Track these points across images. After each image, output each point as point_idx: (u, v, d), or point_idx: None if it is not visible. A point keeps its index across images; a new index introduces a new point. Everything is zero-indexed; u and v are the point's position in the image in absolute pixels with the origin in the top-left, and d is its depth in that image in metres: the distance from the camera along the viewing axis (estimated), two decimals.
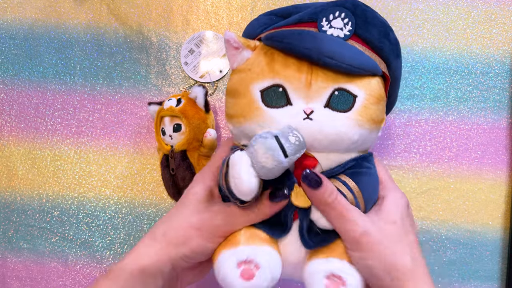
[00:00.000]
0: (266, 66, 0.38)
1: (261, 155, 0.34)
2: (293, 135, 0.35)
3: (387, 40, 0.40)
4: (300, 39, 0.37)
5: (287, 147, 0.34)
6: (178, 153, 0.52)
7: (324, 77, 0.37)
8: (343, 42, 0.38)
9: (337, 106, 0.37)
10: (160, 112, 0.53)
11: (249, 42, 0.40)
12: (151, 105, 0.55)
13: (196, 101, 0.53)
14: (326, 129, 0.37)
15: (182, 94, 0.54)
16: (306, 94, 0.37)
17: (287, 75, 0.37)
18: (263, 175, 0.35)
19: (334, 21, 0.39)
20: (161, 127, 0.53)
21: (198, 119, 0.52)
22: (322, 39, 0.37)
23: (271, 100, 0.37)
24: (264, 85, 0.37)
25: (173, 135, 0.52)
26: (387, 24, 0.41)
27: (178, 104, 0.52)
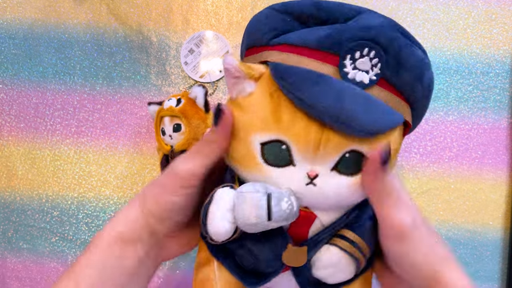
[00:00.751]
0: (270, 115, 0.32)
1: (245, 208, 0.31)
2: (288, 201, 0.31)
3: (420, 83, 0.33)
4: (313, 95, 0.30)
5: (275, 212, 0.31)
6: (178, 153, 0.52)
7: (337, 141, 0.31)
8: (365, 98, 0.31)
9: (344, 170, 0.32)
10: (160, 112, 0.53)
11: (253, 71, 0.33)
12: (151, 105, 0.55)
13: (196, 101, 0.53)
14: (329, 194, 0.32)
15: (182, 94, 0.54)
16: (313, 157, 0.31)
17: (293, 133, 0.31)
18: (242, 226, 0.32)
19: (360, 61, 0.31)
20: (161, 127, 0.53)
21: (198, 119, 0.52)
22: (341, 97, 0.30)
23: (272, 158, 0.32)
24: (265, 139, 0.32)
25: (173, 135, 0.52)
26: (425, 60, 0.34)
27: (178, 104, 0.52)
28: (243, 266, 0.36)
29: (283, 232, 0.34)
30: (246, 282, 0.36)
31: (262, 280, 0.36)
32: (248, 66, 0.33)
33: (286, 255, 0.34)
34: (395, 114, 0.32)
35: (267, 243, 0.34)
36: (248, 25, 0.37)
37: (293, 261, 0.35)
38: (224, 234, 0.33)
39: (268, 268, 0.36)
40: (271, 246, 0.35)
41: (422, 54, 0.34)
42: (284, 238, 0.34)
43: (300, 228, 0.35)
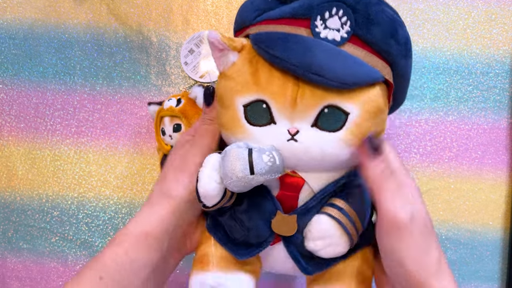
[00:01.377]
0: (250, 77, 0.34)
1: (229, 164, 0.32)
2: (269, 154, 0.32)
3: (394, 40, 0.34)
4: (286, 51, 0.32)
5: (256, 164, 0.32)
6: None
7: (311, 95, 0.32)
8: (337, 50, 0.33)
9: (325, 126, 0.33)
10: (160, 112, 0.53)
11: (235, 42, 0.35)
12: (151, 105, 0.55)
13: (196, 101, 0.53)
14: (312, 151, 0.33)
15: (182, 94, 0.54)
16: (291, 112, 0.33)
17: (271, 91, 0.33)
18: (228, 185, 0.33)
19: (330, 20, 0.33)
20: (161, 127, 0.53)
21: (198, 119, 0.52)
22: (311, 50, 0.32)
23: (254, 117, 0.34)
24: (247, 100, 0.34)
25: (173, 135, 0.52)
26: (396, 18, 0.35)
27: (178, 104, 0.52)
28: (235, 238, 0.37)
29: (272, 198, 0.35)
30: (237, 253, 0.37)
31: (253, 250, 0.37)
32: (230, 38, 0.35)
33: (276, 223, 0.35)
34: (370, 68, 0.34)
35: (256, 210, 0.35)
36: (238, 11, 0.39)
37: (282, 230, 0.35)
38: (211, 195, 0.34)
39: (258, 237, 0.36)
40: (260, 213, 0.35)
41: (392, 12, 0.35)
42: (273, 204, 0.35)
43: (289, 193, 0.35)
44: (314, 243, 0.35)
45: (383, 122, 0.36)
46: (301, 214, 0.35)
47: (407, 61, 0.37)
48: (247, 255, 0.37)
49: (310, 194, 0.36)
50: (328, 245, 0.35)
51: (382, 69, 0.35)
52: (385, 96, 0.36)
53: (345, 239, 0.35)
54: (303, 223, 0.35)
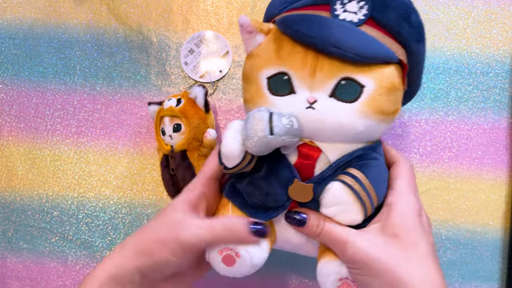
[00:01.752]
0: (273, 53, 0.37)
1: (251, 125, 0.35)
2: (288, 118, 0.35)
3: (407, 23, 0.37)
4: (308, 26, 0.36)
5: (275, 125, 0.34)
6: (178, 153, 0.52)
7: (330, 67, 0.36)
8: (354, 28, 0.36)
9: (342, 96, 0.36)
10: (160, 112, 0.53)
11: (263, 25, 0.39)
12: (151, 105, 0.55)
13: (196, 101, 0.53)
14: (329, 119, 0.36)
15: (182, 94, 0.54)
16: (310, 83, 0.36)
17: (292, 63, 0.36)
18: (248, 145, 0.35)
19: (348, 4, 0.37)
20: (161, 127, 0.53)
21: (198, 119, 0.52)
22: (330, 26, 0.36)
23: (276, 88, 0.37)
24: (270, 72, 0.37)
25: (173, 135, 0.52)
26: (410, 5, 0.38)
27: (178, 104, 0.52)
28: (253, 203, 0.39)
29: (290, 166, 0.37)
30: (255, 216, 0.39)
31: (270, 214, 0.39)
32: (258, 22, 0.39)
33: (292, 190, 0.37)
34: (384, 47, 0.37)
35: (274, 177, 0.37)
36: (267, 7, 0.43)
37: (299, 196, 0.37)
38: (234, 155, 0.36)
39: (276, 202, 0.38)
40: (278, 180, 0.37)
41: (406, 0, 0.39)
42: (291, 172, 0.37)
43: (306, 161, 0.37)
44: (328, 209, 0.36)
45: (397, 101, 0.39)
46: (317, 182, 0.37)
47: (420, 45, 0.40)
48: (265, 218, 0.39)
49: (326, 164, 0.37)
50: (342, 211, 0.36)
51: (397, 50, 0.38)
52: (400, 77, 0.38)
53: (358, 206, 0.36)
54: (319, 190, 0.37)
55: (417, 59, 0.40)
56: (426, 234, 0.37)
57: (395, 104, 0.38)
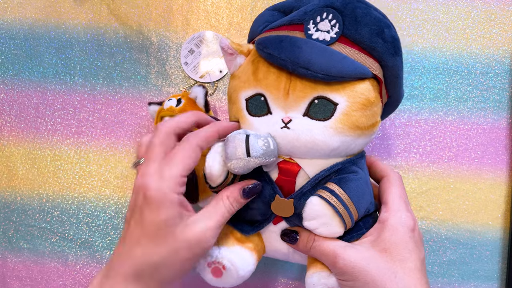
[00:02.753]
0: (251, 74, 0.39)
1: (230, 147, 0.36)
2: (264, 140, 0.37)
3: (381, 38, 0.38)
4: (278, 48, 0.37)
5: (252, 147, 0.36)
6: None
7: (302, 87, 0.37)
8: (324, 48, 0.37)
9: (316, 115, 0.37)
10: (160, 112, 0.53)
11: (242, 47, 0.41)
12: (151, 105, 0.55)
13: (196, 101, 0.53)
14: (303, 137, 0.37)
15: (182, 94, 0.54)
16: (284, 103, 0.38)
17: (267, 85, 0.38)
18: (229, 166, 0.37)
19: (320, 24, 0.38)
20: None
21: None
22: (300, 47, 0.37)
23: (253, 109, 0.39)
24: (248, 94, 0.39)
25: None
26: (383, 21, 0.39)
27: (178, 104, 0.52)
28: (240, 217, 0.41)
29: (272, 183, 0.39)
30: (242, 230, 0.41)
31: (256, 227, 0.41)
32: (238, 44, 0.41)
33: (275, 205, 0.39)
34: (356, 64, 0.37)
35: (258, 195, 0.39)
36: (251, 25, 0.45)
37: (281, 211, 0.39)
38: (216, 175, 0.38)
39: (261, 216, 0.40)
40: (261, 196, 0.39)
41: (380, 15, 0.39)
42: (272, 189, 0.39)
43: (286, 178, 0.39)
44: (309, 223, 0.38)
45: (375, 115, 0.39)
46: (297, 197, 0.38)
47: (396, 58, 0.40)
48: (252, 231, 0.41)
49: (306, 179, 0.39)
50: (322, 225, 0.37)
51: (371, 65, 0.39)
52: (376, 91, 0.39)
53: (337, 219, 0.37)
54: (300, 205, 0.38)
55: (394, 72, 0.40)
56: (417, 249, 0.38)
57: (371, 118, 0.39)
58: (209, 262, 0.39)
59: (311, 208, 0.37)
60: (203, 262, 0.39)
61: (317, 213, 0.37)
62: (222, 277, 0.39)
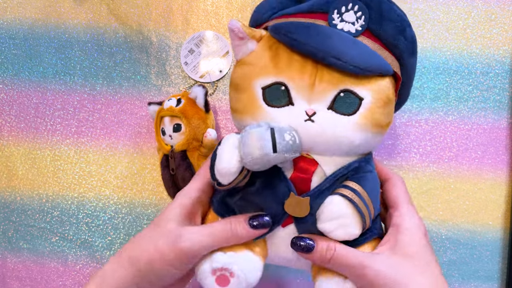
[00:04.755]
0: (269, 61, 0.36)
1: (251, 142, 0.33)
2: (290, 133, 0.33)
3: (403, 37, 0.37)
4: (306, 35, 0.34)
5: (279, 143, 0.33)
6: (178, 153, 0.52)
7: (329, 78, 0.35)
8: (353, 39, 0.36)
9: (341, 109, 0.35)
10: (160, 112, 0.53)
11: (255, 32, 0.37)
12: (151, 105, 0.55)
13: (196, 101, 0.53)
14: (328, 132, 0.35)
15: (182, 94, 0.54)
16: (309, 94, 0.35)
17: (290, 74, 0.35)
18: (248, 163, 0.33)
19: (346, 14, 0.36)
20: (161, 127, 0.53)
21: (198, 119, 0.52)
22: (330, 36, 0.35)
23: (272, 99, 0.35)
24: (266, 82, 0.35)
25: (173, 135, 0.52)
26: (405, 19, 0.38)
27: (178, 104, 0.52)
28: None
29: (286, 180, 0.36)
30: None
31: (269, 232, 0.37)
32: (250, 28, 0.37)
33: (289, 204, 0.36)
34: (383, 60, 0.36)
35: (270, 192, 0.36)
36: (253, 11, 0.41)
37: (296, 211, 0.36)
38: (230, 172, 0.34)
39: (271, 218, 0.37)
40: (273, 194, 0.36)
41: (401, 12, 0.38)
42: (286, 186, 0.36)
43: (302, 175, 0.36)
44: (325, 224, 0.35)
45: (391, 114, 0.38)
46: (314, 196, 0.36)
47: (413, 58, 0.39)
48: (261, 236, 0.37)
49: (323, 177, 0.36)
50: (341, 226, 0.35)
51: (392, 62, 0.37)
52: (393, 89, 0.38)
53: (358, 219, 0.35)
54: (316, 205, 0.36)
55: (409, 72, 0.40)
56: (434, 253, 0.37)
57: (389, 117, 0.38)
58: (214, 269, 0.36)
59: (332, 208, 0.35)
60: (207, 269, 0.36)
61: (338, 213, 0.35)
62: (228, 286, 0.35)
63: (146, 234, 0.38)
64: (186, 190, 0.40)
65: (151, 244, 0.36)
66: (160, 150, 0.55)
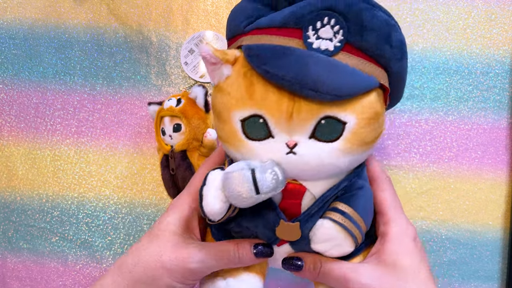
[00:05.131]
0: (245, 92, 0.33)
1: (235, 185, 0.32)
2: (272, 172, 0.33)
3: (388, 45, 0.34)
4: (281, 66, 0.32)
5: (261, 184, 0.32)
6: (178, 153, 0.52)
7: (308, 108, 0.32)
8: (331, 63, 0.33)
9: (323, 137, 0.33)
10: (160, 112, 0.53)
11: (227, 55, 0.34)
12: (151, 105, 0.55)
13: (196, 101, 0.53)
14: (311, 163, 0.34)
15: (182, 94, 0.54)
16: (288, 126, 0.33)
17: (266, 106, 0.33)
18: (236, 203, 0.34)
19: (322, 30, 0.33)
20: (161, 127, 0.53)
21: (198, 119, 0.52)
22: (306, 64, 0.32)
23: (251, 132, 0.34)
24: (243, 115, 0.34)
25: (173, 135, 0.52)
26: (391, 22, 0.35)
27: (178, 104, 0.52)
28: None
29: (275, 208, 0.36)
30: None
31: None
32: (222, 52, 0.34)
33: (280, 231, 0.36)
34: (365, 77, 0.33)
35: (261, 220, 0.36)
36: (228, 18, 0.38)
37: (287, 236, 0.36)
38: (218, 213, 0.34)
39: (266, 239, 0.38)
40: (264, 222, 0.36)
41: (386, 16, 0.34)
42: (276, 214, 0.36)
43: (291, 201, 0.36)
44: (319, 245, 0.36)
45: (381, 126, 0.36)
46: (304, 220, 0.36)
47: (401, 62, 0.37)
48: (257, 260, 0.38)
49: (312, 200, 0.36)
50: (334, 246, 0.36)
51: (377, 74, 0.35)
52: (382, 100, 0.36)
53: (350, 240, 0.35)
54: (307, 228, 0.36)
55: (398, 77, 0.38)
56: (424, 258, 0.37)
57: (378, 130, 0.36)
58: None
59: (323, 232, 0.35)
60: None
61: (329, 237, 0.35)
62: None
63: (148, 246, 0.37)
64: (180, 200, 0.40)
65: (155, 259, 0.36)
66: (160, 150, 0.55)
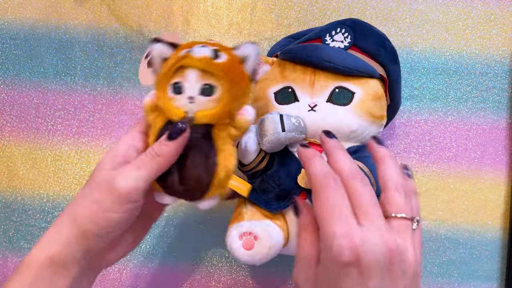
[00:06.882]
0: (278, 73, 0.47)
1: (265, 126, 0.42)
2: (295, 118, 0.43)
3: (383, 48, 0.48)
4: (304, 50, 0.46)
5: (286, 124, 0.42)
6: (198, 127, 0.36)
7: (325, 78, 0.45)
8: (341, 50, 0.47)
9: (338, 101, 0.45)
10: (181, 59, 0.35)
11: (268, 59, 0.50)
12: (158, 42, 0.37)
13: (246, 62, 0.37)
14: (328, 119, 0.44)
15: (220, 46, 0.37)
16: (310, 91, 0.45)
17: (294, 78, 0.46)
18: (264, 143, 0.42)
19: (336, 36, 0.48)
20: (175, 81, 0.36)
21: (241, 88, 0.36)
22: (322, 48, 0.46)
23: (282, 99, 0.46)
24: (277, 88, 0.47)
25: (197, 98, 0.35)
26: (383, 36, 0.49)
27: (217, 58, 0.35)
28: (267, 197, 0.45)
29: (297, 159, 0.44)
30: (270, 208, 0.45)
31: (283, 204, 0.45)
32: (265, 57, 0.51)
33: (300, 178, 0.43)
34: (368, 64, 0.46)
35: (285, 170, 0.44)
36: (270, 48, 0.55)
37: (307, 184, 0.43)
38: (250, 150, 0.43)
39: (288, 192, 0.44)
40: (288, 172, 0.44)
41: (380, 32, 0.49)
42: (298, 163, 0.44)
43: None
44: None
45: (383, 108, 0.47)
46: None
47: (396, 66, 0.49)
48: (279, 208, 0.44)
49: None
50: None
51: (378, 68, 0.47)
52: (382, 89, 0.48)
53: None
54: None
55: (394, 77, 0.49)
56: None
57: (381, 110, 0.47)
58: (241, 234, 0.42)
59: None
60: (234, 234, 0.42)
61: None
62: (253, 250, 0.41)
63: (83, 190, 0.36)
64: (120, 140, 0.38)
65: (88, 197, 0.35)
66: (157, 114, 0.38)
